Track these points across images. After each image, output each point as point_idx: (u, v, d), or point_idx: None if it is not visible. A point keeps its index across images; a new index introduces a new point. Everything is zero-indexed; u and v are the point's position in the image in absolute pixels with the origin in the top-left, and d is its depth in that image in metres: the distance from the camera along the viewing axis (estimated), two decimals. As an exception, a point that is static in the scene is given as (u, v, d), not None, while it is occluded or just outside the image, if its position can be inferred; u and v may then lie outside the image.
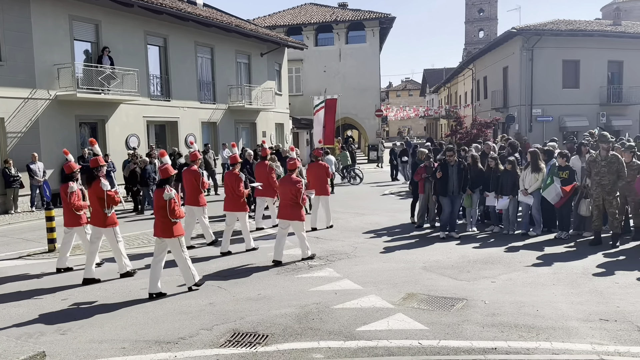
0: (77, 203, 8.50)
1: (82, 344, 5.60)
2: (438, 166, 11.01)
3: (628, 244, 9.54)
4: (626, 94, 30.49)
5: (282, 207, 9.02)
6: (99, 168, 8.27)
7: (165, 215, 7.15)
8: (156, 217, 7.34)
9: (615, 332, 5.46)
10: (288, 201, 8.90)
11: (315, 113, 16.94)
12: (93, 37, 18.16)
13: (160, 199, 7.16)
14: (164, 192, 7.12)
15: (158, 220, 7.28)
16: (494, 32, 72.78)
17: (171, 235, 7.23)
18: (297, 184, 8.87)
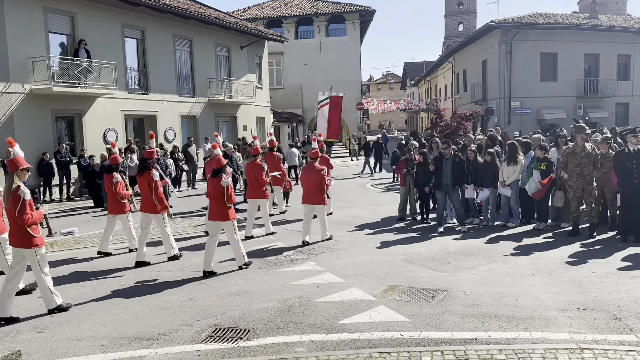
0: (121, 192, 9.08)
1: (59, 342, 5.50)
2: (433, 160, 11.03)
3: (605, 234, 9.71)
4: (602, 86, 31.02)
5: (306, 194, 9.80)
6: (152, 159, 8.79)
7: (222, 201, 7.80)
8: (212, 203, 8.00)
9: (593, 320, 5.55)
10: (313, 187, 9.66)
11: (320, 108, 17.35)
12: (68, 29, 17.81)
13: (218, 186, 7.76)
14: (220, 180, 7.74)
15: (214, 205, 7.92)
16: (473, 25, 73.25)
17: (227, 219, 7.85)
18: (321, 172, 9.67)
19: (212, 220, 8.08)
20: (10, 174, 6.13)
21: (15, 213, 6.02)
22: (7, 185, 6.15)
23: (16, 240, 6.19)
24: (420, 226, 11.14)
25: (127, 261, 8.79)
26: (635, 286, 6.63)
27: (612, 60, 31.51)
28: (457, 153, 10.82)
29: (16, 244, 6.21)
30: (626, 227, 9.09)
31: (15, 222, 6.11)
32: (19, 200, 6.01)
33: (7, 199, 6.07)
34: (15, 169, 6.13)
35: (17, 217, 6.03)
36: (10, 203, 6.05)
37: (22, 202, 6.03)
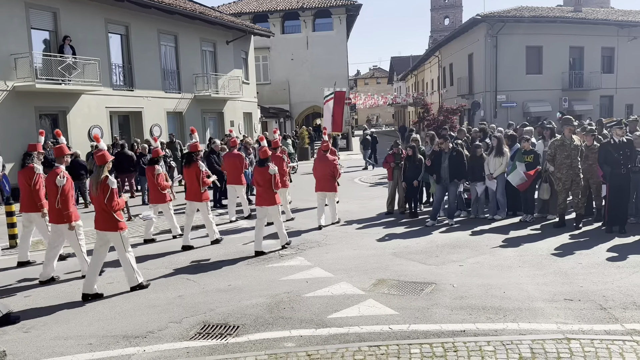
0: (162, 183, 9.86)
1: (46, 342, 5.44)
2: (430, 154, 11.03)
3: (590, 226, 9.82)
4: (587, 79, 31.31)
5: (319, 182, 10.73)
6: (198, 153, 9.57)
7: (269, 187, 8.68)
8: (259, 190, 8.89)
9: (579, 311, 5.61)
10: (326, 176, 10.62)
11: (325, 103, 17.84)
12: (51, 25, 17.54)
13: (265, 174, 8.65)
14: (268, 169, 8.65)
15: (263, 192, 8.78)
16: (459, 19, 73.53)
17: (274, 203, 8.78)
18: (333, 162, 10.71)
19: (259, 206, 8.90)
20: (99, 166, 6.83)
21: (104, 201, 6.73)
22: (95, 176, 6.85)
23: (102, 225, 6.89)
24: (408, 220, 11.18)
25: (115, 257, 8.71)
26: (620, 276, 6.71)
27: (596, 53, 31.79)
28: (455, 147, 10.79)
29: (102, 228, 6.91)
30: (612, 218, 9.19)
31: (102, 209, 6.80)
32: (108, 190, 6.73)
33: (96, 188, 6.77)
34: (104, 162, 6.82)
35: (106, 204, 6.73)
36: (100, 192, 6.74)
37: (111, 191, 6.75)
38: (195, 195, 9.38)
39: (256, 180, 8.94)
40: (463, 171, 10.55)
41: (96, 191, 6.80)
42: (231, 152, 12.11)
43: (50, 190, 7.50)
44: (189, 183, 9.49)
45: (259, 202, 8.93)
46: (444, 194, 10.79)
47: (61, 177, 7.39)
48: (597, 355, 4.49)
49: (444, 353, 4.66)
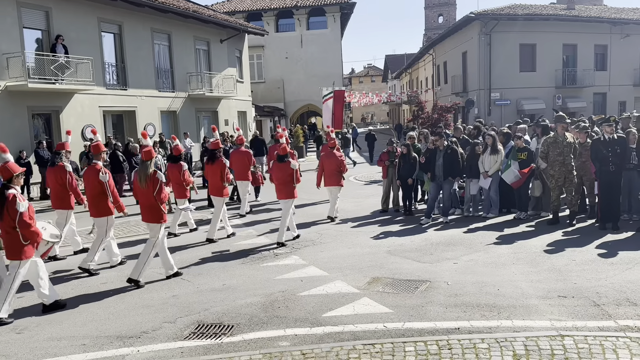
0: (188, 179, 10.38)
1: (39, 343, 5.41)
2: (425, 152, 11.05)
3: (584, 223, 9.86)
4: (580, 76, 31.41)
5: (327, 177, 11.26)
6: (219, 149, 9.96)
7: (290, 182, 9.25)
8: (279, 184, 9.38)
9: (573, 308, 5.63)
10: (333, 171, 11.15)
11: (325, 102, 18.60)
12: (44, 24, 17.42)
13: (287, 169, 9.23)
14: (289, 164, 9.23)
15: (283, 186, 9.30)
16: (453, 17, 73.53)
17: (293, 197, 9.35)
18: (340, 157, 11.29)
19: (281, 199, 9.49)
20: (146, 161, 7.24)
21: (153, 193, 7.13)
22: (142, 170, 7.23)
23: (149, 217, 7.29)
24: (403, 218, 11.18)
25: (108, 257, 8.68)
26: (613, 273, 6.74)
27: (590, 51, 31.90)
28: (450, 145, 10.79)
29: (149, 219, 7.31)
30: (604, 215, 9.23)
31: (149, 202, 7.20)
32: (157, 183, 7.15)
33: (145, 181, 7.15)
34: (150, 157, 7.24)
35: (155, 196, 7.15)
36: (149, 185, 7.14)
37: (160, 184, 7.18)
38: (219, 190, 9.88)
39: (276, 176, 9.44)
40: (457, 169, 10.56)
41: (145, 185, 7.16)
42: (238, 149, 12.48)
43: (89, 185, 7.90)
44: (212, 179, 9.96)
45: (280, 197, 9.49)
46: (439, 191, 10.80)
47: (103, 173, 7.84)
48: (590, 351, 4.50)
49: (438, 351, 4.67)
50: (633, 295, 5.88)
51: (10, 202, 5.91)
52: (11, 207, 5.91)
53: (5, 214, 5.95)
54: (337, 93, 19.41)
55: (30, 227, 5.95)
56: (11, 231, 5.96)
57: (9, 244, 6.05)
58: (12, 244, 6.01)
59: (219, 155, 9.93)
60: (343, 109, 19.84)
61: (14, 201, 5.91)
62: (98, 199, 7.88)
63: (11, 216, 5.91)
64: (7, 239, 6.04)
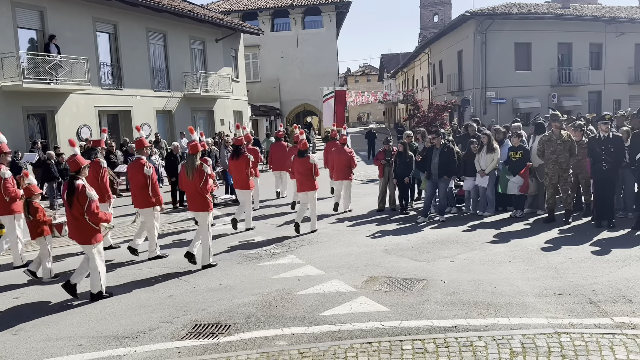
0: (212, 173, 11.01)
1: (36, 343, 5.39)
2: (422, 150, 11.06)
3: (580, 220, 9.89)
4: (575, 75, 31.52)
5: (337, 171, 11.92)
6: (242, 146, 10.59)
7: (310, 175, 9.93)
8: (299, 178, 10.09)
9: (569, 305, 5.65)
10: (344, 166, 11.79)
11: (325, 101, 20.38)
12: (38, 24, 17.37)
13: (306, 164, 9.92)
14: (309, 159, 9.94)
15: (304, 179, 9.97)
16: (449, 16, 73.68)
17: (314, 189, 10.04)
18: (349, 153, 11.92)
19: (301, 192, 10.17)
20: (192, 155, 7.75)
21: (200, 185, 7.66)
22: (189, 163, 7.77)
23: (197, 206, 7.85)
24: (399, 216, 11.20)
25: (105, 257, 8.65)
26: (609, 270, 6.76)
27: (585, 49, 32.01)
28: (446, 144, 10.80)
29: (195, 209, 7.89)
30: (600, 213, 9.27)
31: (197, 192, 7.75)
32: (203, 175, 7.68)
33: (192, 173, 7.69)
34: (196, 151, 7.78)
35: (202, 187, 7.68)
36: (196, 177, 7.68)
37: (206, 176, 7.71)
38: (244, 184, 10.42)
39: (297, 170, 10.14)
40: (453, 167, 10.58)
41: (192, 176, 7.71)
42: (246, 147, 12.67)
43: (134, 178, 8.45)
44: (237, 174, 10.51)
45: (300, 189, 10.22)
46: (435, 190, 10.81)
47: (147, 167, 8.34)
48: (587, 349, 4.52)
49: (435, 349, 4.67)
50: (629, 293, 5.90)
51: (80, 192, 6.45)
52: (81, 196, 6.44)
53: (75, 202, 6.45)
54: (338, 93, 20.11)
55: (98, 214, 6.54)
56: (81, 218, 6.48)
57: (79, 230, 6.59)
58: (82, 230, 6.56)
59: (243, 150, 10.51)
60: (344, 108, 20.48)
61: (83, 190, 6.46)
62: (143, 190, 8.34)
63: (81, 204, 6.42)
64: (77, 225, 6.56)
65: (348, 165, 11.84)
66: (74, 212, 6.50)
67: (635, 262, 7.08)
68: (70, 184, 6.53)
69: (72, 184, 6.51)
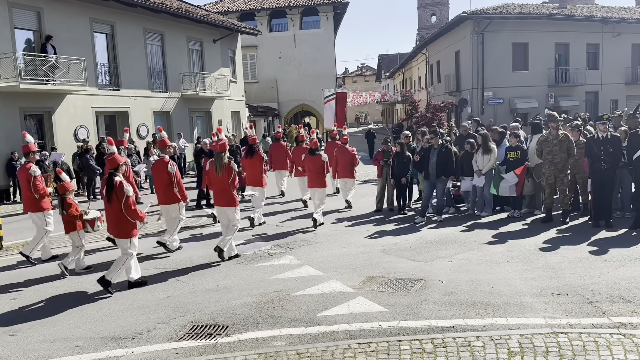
0: None
1: (33, 345, 5.38)
2: (420, 150, 11.06)
3: (577, 220, 9.90)
4: (572, 75, 31.57)
5: (341, 170, 12.40)
6: (256, 144, 11.06)
7: (321, 172, 10.59)
8: (311, 175, 10.69)
9: (567, 305, 5.65)
10: (347, 164, 12.27)
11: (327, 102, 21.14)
12: (35, 25, 17.34)
13: (318, 162, 10.56)
14: (320, 157, 10.59)
15: (315, 176, 10.57)
16: (446, 16, 73.71)
17: (324, 186, 10.71)
18: (352, 152, 12.38)
19: (312, 188, 10.76)
20: (220, 153, 8.19)
21: (228, 181, 8.09)
22: (217, 160, 8.15)
23: (223, 202, 8.28)
24: (397, 217, 11.19)
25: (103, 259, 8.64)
26: (607, 270, 6.77)
27: (582, 50, 32.06)
28: (444, 144, 10.79)
29: (222, 204, 8.30)
30: (597, 212, 9.28)
31: (224, 188, 8.16)
32: (232, 172, 8.11)
33: (221, 170, 8.09)
34: (225, 149, 8.24)
35: (230, 183, 8.11)
36: (225, 173, 8.08)
37: (235, 173, 8.16)
38: (257, 181, 10.88)
39: (308, 168, 10.70)
40: (451, 168, 10.58)
41: (220, 173, 8.11)
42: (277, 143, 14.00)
43: (158, 176, 8.88)
44: (250, 171, 10.82)
45: (311, 185, 10.76)
46: (433, 190, 10.82)
47: (172, 165, 8.77)
48: (585, 349, 4.52)
49: (433, 349, 4.67)
50: (626, 292, 5.91)
51: (118, 188, 6.79)
52: (119, 192, 6.77)
53: (114, 197, 6.80)
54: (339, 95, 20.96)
55: (135, 210, 6.85)
56: (119, 213, 6.82)
57: (116, 224, 6.94)
58: (120, 224, 6.89)
59: (257, 149, 11.03)
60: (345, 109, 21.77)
61: (121, 186, 6.79)
62: (167, 188, 8.75)
63: (119, 199, 6.76)
64: (115, 220, 6.91)
65: (351, 163, 12.31)
66: (113, 207, 6.87)
67: (632, 261, 7.10)
68: (109, 180, 6.87)
69: (110, 181, 6.86)
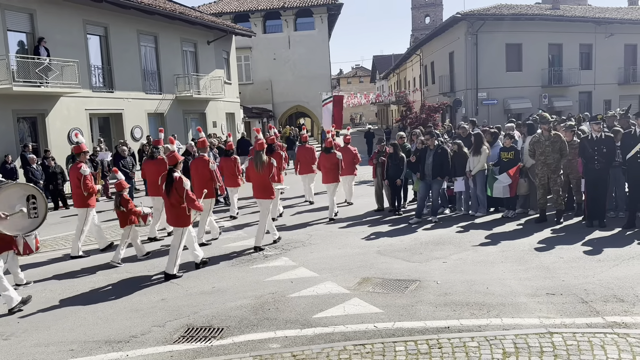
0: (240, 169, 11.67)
1: (27, 349, 5.35)
2: (415, 151, 11.07)
3: (571, 220, 9.94)
4: (566, 75, 31.71)
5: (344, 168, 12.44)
6: (276, 144, 11.47)
7: (335, 169, 11.47)
8: (326, 171, 11.64)
9: (561, 305, 5.67)
10: (349, 163, 12.66)
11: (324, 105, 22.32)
12: (28, 27, 17.23)
13: (333, 159, 11.49)
14: (335, 155, 11.51)
15: (329, 172, 11.53)
16: (440, 17, 73.95)
17: (337, 181, 11.69)
18: (354, 151, 12.91)
19: (326, 183, 11.69)
20: (258, 151, 8.95)
21: (268, 176, 8.88)
22: (257, 158, 8.92)
23: (262, 194, 9.03)
24: (392, 218, 11.20)
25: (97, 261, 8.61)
26: (601, 269, 6.80)
27: (575, 50, 32.21)
28: (440, 145, 10.77)
29: (261, 197, 9.05)
30: (591, 212, 9.32)
31: (263, 182, 8.94)
32: (272, 168, 8.93)
33: (261, 167, 8.87)
34: (263, 147, 9.02)
35: (270, 178, 8.91)
36: (265, 170, 8.88)
37: (274, 168, 9.00)
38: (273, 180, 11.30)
39: (323, 165, 11.75)
40: (447, 168, 10.60)
41: (261, 169, 8.86)
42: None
43: (197, 174, 9.52)
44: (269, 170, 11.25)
45: (325, 181, 11.73)
46: (428, 191, 10.83)
47: (212, 163, 9.52)
48: (579, 348, 4.54)
49: (428, 350, 4.68)
50: (620, 292, 5.94)
51: (178, 182, 7.44)
52: (179, 186, 7.42)
53: (173, 191, 7.43)
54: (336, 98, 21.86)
55: (195, 201, 7.62)
56: (177, 205, 7.49)
57: (174, 215, 7.64)
58: (178, 215, 7.59)
59: (275, 148, 11.38)
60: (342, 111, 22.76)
61: (181, 181, 7.45)
62: (209, 184, 9.35)
63: (179, 193, 7.42)
64: (173, 211, 7.60)
65: (352, 161, 12.83)
66: (172, 200, 7.48)
67: (626, 261, 7.13)
68: (169, 176, 7.49)
69: (170, 176, 7.47)
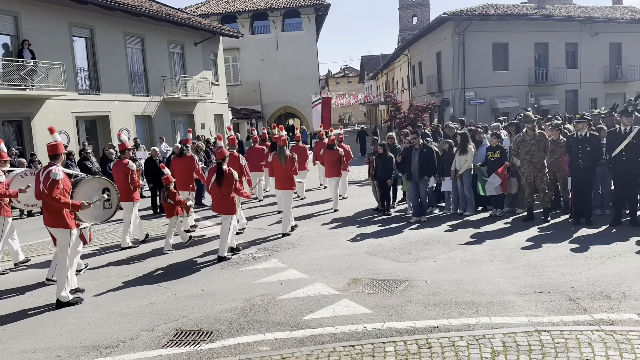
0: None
1: (13, 355, 5.28)
2: (402, 151, 11.10)
3: (558, 218, 10.02)
4: (552, 74, 31.99)
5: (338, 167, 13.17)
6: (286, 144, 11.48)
7: (339, 164, 12.63)
8: (329, 166, 12.71)
9: (549, 303, 5.71)
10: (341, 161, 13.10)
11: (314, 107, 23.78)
12: (12, 29, 17.05)
13: (336, 155, 12.61)
14: (338, 151, 12.56)
15: (333, 167, 12.64)
16: (427, 17, 74.23)
17: (340, 175, 12.75)
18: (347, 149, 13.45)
19: (329, 177, 12.82)
20: (282, 147, 9.95)
21: (291, 169, 9.89)
22: (281, 152, 9.89)
23: (284, 186, 10.02)
24: (381, 218, 11.22)
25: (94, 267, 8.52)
26: (588, 267, 6.86)
27: (561, 49, 32.49)
28: (425, 144, 10.84)
29: (284, 187, 10.01)
30: (578, 210, 9.40)
31: (286, 175, 9.95)
32: (294, 162, 9.94)
33: (285, 161, 9.86)
34: (285, 143, 10.12)
35: (292, 171, 9.93)
36: (289, 164, 9.87)
37: (295, 162, 9.96)
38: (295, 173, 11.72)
39: (327, 160, 12.79)
40: (433, 168, 10.64)
41: (284, 163, 9.83)
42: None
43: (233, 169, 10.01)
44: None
45: (328, 175, 12.83)
46: (417, 190, 10.87)
47: (242, 159, 10.31)
48: (567, 346, 4.57)
49: (418, 350, 4.69)
50: (607, 289, 5.99)
51: (228, 175, 8.34)
52: (230, 178, 8.35)
53: (224, 182, 8.28)
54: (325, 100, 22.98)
55: (242, 191, 8.74)
56: (226, 194, 8.38)
57: (223, 204, 8.46)
58: (226, 204, 8.46)
59: None
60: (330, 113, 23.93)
61: (230, 173, 8.37)
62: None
63: (229, 184, 8.31)
64: (222, 200, 8.42)
65: (346, 158, 13.41)
66: (222, 190, 8.33)
67: (612, 258, 7.20)
68: (219, 168, 8.35)
69: (220, 169, 8.34)
